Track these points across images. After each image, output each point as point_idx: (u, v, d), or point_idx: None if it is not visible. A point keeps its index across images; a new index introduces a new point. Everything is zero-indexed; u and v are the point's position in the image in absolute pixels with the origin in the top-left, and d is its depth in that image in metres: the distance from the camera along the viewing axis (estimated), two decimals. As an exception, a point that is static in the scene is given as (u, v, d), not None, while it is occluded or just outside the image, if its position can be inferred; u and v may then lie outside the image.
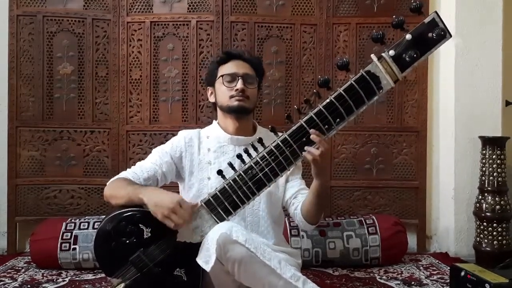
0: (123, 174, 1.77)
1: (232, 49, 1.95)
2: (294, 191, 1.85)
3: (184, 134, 1.88)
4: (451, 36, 1.40)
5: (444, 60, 2.97)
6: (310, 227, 1.83)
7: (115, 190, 1.69)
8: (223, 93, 1.82)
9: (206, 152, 1.82)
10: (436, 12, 1.41)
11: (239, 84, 1.78)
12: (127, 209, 1.59)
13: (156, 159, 1.81)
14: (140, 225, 1.56)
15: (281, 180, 1.72)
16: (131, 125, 2.97)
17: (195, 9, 2.97)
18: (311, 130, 1.49)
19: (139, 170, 1.77)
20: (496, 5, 2.85)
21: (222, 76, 1.82)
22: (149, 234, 1.56)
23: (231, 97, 1.79)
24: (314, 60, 2.99)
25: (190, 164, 1.82)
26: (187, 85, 2.97)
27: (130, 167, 1.84)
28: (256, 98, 1.89)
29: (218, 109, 1.89)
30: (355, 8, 2.99)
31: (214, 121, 1.93)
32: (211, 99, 1.92)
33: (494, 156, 2.69)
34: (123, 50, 2.95)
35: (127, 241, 1.57)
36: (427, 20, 1.40)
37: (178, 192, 1.89)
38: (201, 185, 1.79)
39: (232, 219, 1.60)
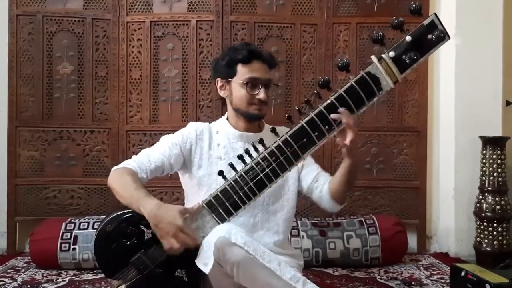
0: (129, 164, 1.70)
1: (250, 44, 1.84)
2: (314, 175, 1.84)
3: (195, 127, 1.83)
4: (449, 38, 1.40)
5: (444, 60, 2.96)
6: (338, 207, 1.83)
7: (118, 186, 1.64)
8: (242, 97, 1.75)
9: (216, 147, 1.80)
10: (435, 14, 1.41)
11: (262, 94, 1.73)
12: (127, 211, 1.58)
13: (165, 150, 1.75)
14: (140, 226, 1.56)
15: (291, 174, 1.70)
16: (131, 125, 2.97)
17: (195, 8, 2.97)
18: (342, 109, 1.48)
19: (146, 161, 1.72)
20: (496, 5, 2.84)
21: (246, 83, 1.74)
22: (150, 235, 1.55)
23: (251, 104, 1.75)
24: (314, 60, 2.99)
25: (199, 158, 1.79)
26: (187, 85, 2.96)
27: None
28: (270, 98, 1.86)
29: (229, 106, 1.84)
30: (355, 8, 2.99)
31: (223, 116, 1.90)
32: (222, 93, 1.84)
33: (494, 156, 2.69)
34: (123, 50, 2.95)
35: (128, 243, 1.56)
36: (426, 22, 1.40)
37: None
38: (210, 180, 1.76)
39: (239, 216, 1.59)
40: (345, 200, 1.83)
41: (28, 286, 2.28)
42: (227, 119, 1.86)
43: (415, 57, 1.41)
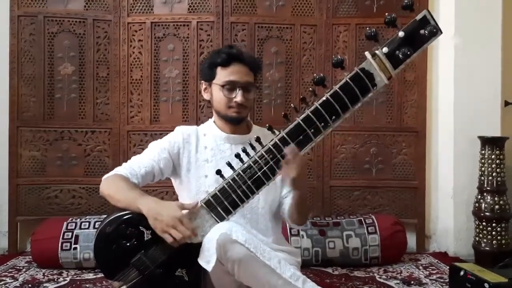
0: (120, 171, 1.74)
1: (234, 47, 1.85)
2: (286, 191, 1.85)
3: (181, 130, 1.85)
4: (441, 32, 1.42)
5: (443, 60, 2.97)
6: (297, 226, 1.90)
7: (113, 191, 1.67)
8: (220, 100, 1.77)
9: (203, 150, 1.82)
10: (427, 9, 1.43)
11: (239, 97, 1.74)
12: (127, 212, 1.59)
13: (154, 155, 1.78)
14: (140, 227, 1.56)
15: (278, 177, 1.73)
16: (132, 125, 2.98)
17: (195, 9, 2.98)
18: (289, 147, 1.51)
19: (136, 166, 1.75)
20: (496, 5, 2.85)
21: (222, 85, 1.75)
22: (150, 236, 1.56)
23: (230, 107, 1.76)
24: (314, 61, 3.00)
25: (187, 161, 1.81)
26: (188, 85, 2.98)
27: None
28: (252, 101, 1.87)
29: (212, 108, 1.87)
30: (355, 8, 3.00)
31: (210, 119, 1.92)
32: (206, 95, 1.86)
33: (493, 156, 2.70)
34: (124, 50, 2.96)
35: (128, 244, 1.56)
36: (418, 17, 1.42)
37: (172, 188, 1.88)
38: (199, 182, 1.78)
39: (231, 217, 1.60)
40: (301, 223, 1.85)
41: (29, 285, 2.29)
42: (214, 121, 1.88)
43: (408, 53, 1.42)
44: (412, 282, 2.36)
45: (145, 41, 2.96)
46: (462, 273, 2.04)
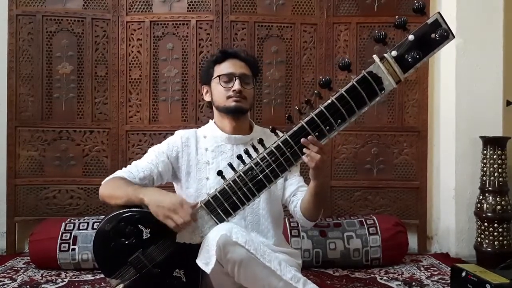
0: (118, 174, 1.76)
1: (228, 47, 1.90)
2: (293, 188, 1.86)
3: (180, 134, 1.86)
4: (454, 37, 1.39)
5: (445, 60, 2.96)
6: (310, 223, 1.85)
7: (113, 189, 1.68)
8: (219, 93, 1.81)
9: (204, 152, 1.82)
10: (439, 12, 1.40)
11: (236, 85, 1.77)
12: (127, 210, 1.59)
13: (152, 159, 1.79)
14: (139, 225, 1.56)
15: (279, 180, 1.72)
16: (131, 125, 2.96)
17: (194, 8, 2.96)
18: (309, 138, 1.48)
19: (134, 170, 1.76)
20: (497, 5, 2.84)
21: (219, 76, 1.80)
22: (149, 235, 1.55)
23: (228, 97, 1.78)
24: (314, 60, 2.98)
25: (187, 164, 1.81)
26: (187, 84, 2.96)
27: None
28: (252, 97, 1.90)
29: (214, 108, 1.88)
30: (356, 7, 2.99)
31: (210, 120, 1.92)
32: (207, 98, 1.91)
33: (495, 156, 2.68)
34: (123, 49, 2.94)
35: (126, 242, 1.57)
36: (430, 21, 1.39)
37: (174, 192, 1.88)
38: (200, 185, 1.78)
39: (231, 219, 1.59)
40: (316, 218, 1.82)
41: (28, 286, 2.27)
42: (214, 122, 1.89)
43: (417, 57, 1.40)
44: (414, 283, 2.34)
45: (144, 40, 2.94)
46: (463, 274, 2.03)
